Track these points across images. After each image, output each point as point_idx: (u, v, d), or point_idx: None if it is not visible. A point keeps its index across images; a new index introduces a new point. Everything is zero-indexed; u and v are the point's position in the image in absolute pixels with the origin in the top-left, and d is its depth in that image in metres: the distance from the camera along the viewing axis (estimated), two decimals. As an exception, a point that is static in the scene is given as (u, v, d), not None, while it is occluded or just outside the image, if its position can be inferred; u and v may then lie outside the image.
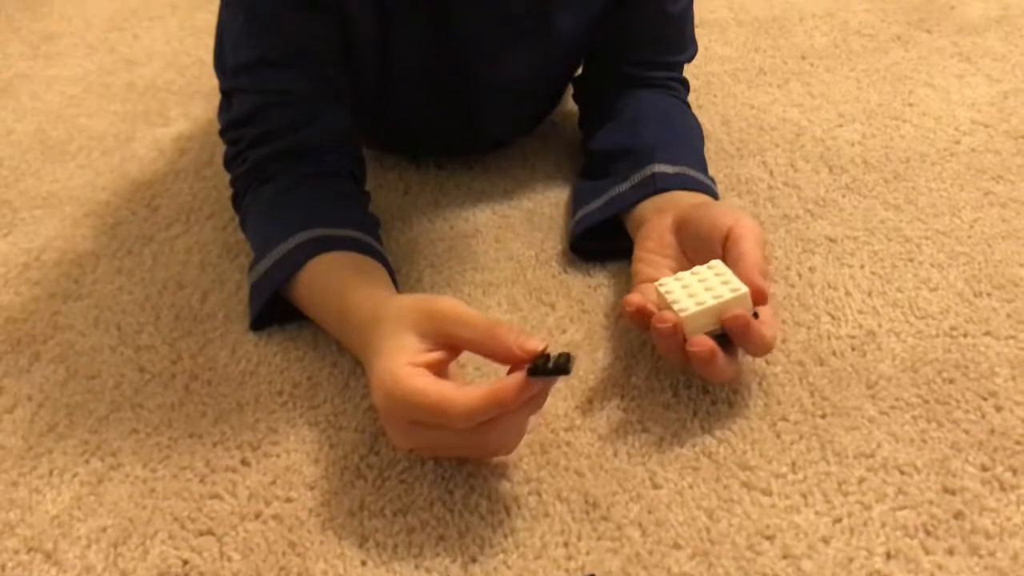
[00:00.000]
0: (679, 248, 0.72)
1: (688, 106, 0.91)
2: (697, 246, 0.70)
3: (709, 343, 0.62)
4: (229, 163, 0.82)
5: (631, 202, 0.78)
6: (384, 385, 0.57)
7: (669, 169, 0.78)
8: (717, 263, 0.65)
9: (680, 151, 0.81)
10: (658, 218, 0.74)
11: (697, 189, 0.77)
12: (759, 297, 0.63)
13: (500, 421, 0.56)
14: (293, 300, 0.74)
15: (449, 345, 0.59)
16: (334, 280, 0.71)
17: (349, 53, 0.80)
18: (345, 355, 0.73)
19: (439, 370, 0.59)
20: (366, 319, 0.64)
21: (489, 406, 0.55)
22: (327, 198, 0.79)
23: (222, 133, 0.82)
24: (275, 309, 0.74)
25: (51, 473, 0.65)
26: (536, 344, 0.57)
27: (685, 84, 0.92)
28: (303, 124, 0.78)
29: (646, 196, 0.77)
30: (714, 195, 0.78)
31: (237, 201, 0.83)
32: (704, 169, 0.82)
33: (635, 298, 0.66)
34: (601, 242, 0.80)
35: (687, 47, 0.91)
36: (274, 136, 0.79)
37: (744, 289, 0.62)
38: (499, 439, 0.59)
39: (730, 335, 0.63)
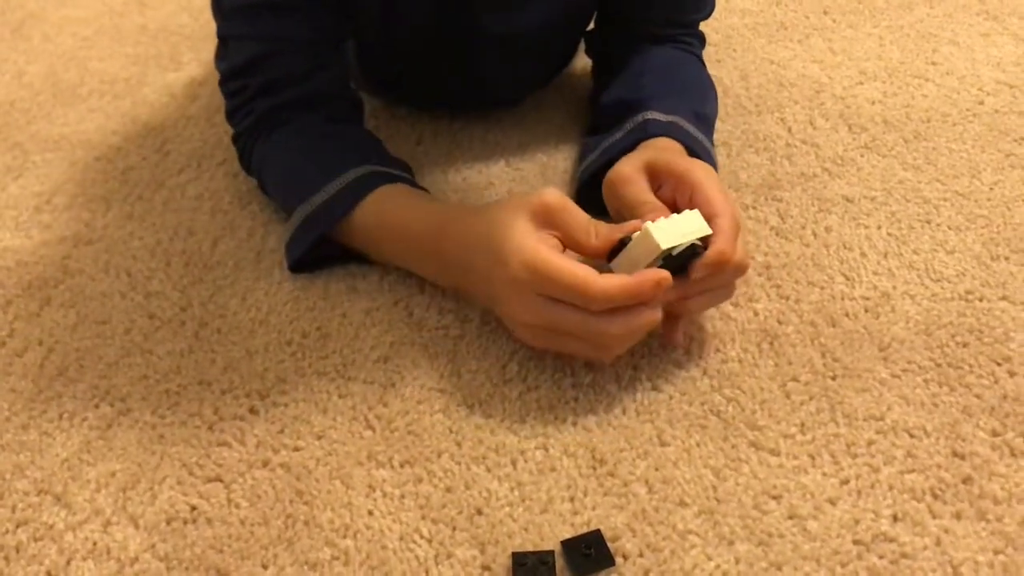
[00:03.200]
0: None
1: (700, 60, 0.89)
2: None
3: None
4: (232, 115, 0.81)
5: (623, 149, 0.75)
6: (526, 259, 0.60)
7: (661, 117, 0.76)
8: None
9: (677, 102, 0.79)
10: (634, 156, 0.71)
11: (684, 141, 0.75)
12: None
13: (625, 312, 0.60)
14: (348, 234, 0.73)
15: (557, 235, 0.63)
16: (416, 201, 0.71)
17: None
18: (355, 305, 0.72)
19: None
20: (475, 221, 0.65)
21: (627, 294, 0.59)
22: (360, 140, 0.78)
23: (223, 83, 0.80)
24: (315, 252, 0.74)
25: (61, 417, 0.65)
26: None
27: (700, 38, 0.90)
28: (309, 72, 0.77)
29: (637, 142, 0.75)
30: (704, 151, 0.76)
31: (245, 157, 0.81)
32: (703, 124, 0.79)
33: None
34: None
35: (704, 5, 0.88)
36: (280, 85, 0.77)
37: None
38: (618, 330, 0.60)
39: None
